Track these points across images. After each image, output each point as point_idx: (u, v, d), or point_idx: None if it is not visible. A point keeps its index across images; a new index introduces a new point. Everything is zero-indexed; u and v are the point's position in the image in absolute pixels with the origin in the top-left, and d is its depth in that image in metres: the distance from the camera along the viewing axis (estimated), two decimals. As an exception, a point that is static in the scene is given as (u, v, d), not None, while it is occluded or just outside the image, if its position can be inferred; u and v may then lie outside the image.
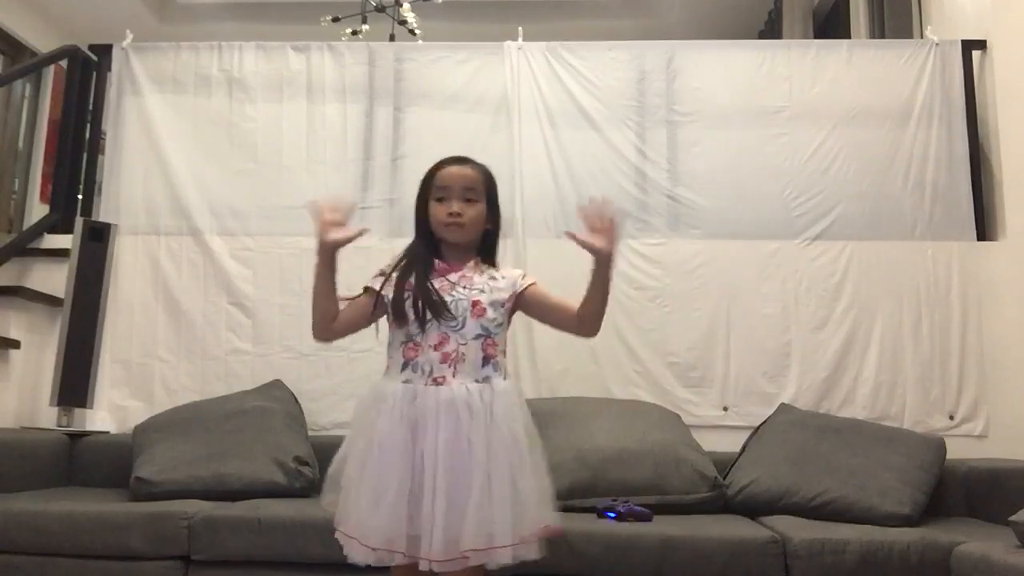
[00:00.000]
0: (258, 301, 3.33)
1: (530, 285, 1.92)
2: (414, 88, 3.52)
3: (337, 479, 1.82)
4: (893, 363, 3.18)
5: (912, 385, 3.17)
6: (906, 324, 3.21)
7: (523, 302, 1.92)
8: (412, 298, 1.84)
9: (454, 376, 1.79)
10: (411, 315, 1.83)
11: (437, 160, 1.96)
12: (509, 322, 1.93)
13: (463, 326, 1.83)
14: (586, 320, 1.87)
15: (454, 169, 1.92)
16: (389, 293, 1.87)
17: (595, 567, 2.23)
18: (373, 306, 1.89)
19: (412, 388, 1.79)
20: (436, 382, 1.79)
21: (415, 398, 1.78)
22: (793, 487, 2.63)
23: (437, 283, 1.86)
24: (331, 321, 1.90)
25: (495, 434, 1.74)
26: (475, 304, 1.84)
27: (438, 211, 1.89)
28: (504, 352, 1.88)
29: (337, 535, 1.81)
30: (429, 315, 1.81)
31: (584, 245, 1.76)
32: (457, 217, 1.87)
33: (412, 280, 1.86)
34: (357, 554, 1.74)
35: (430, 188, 1.92)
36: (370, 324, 1.94)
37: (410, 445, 1.74)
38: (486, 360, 1.83)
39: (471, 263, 1.92)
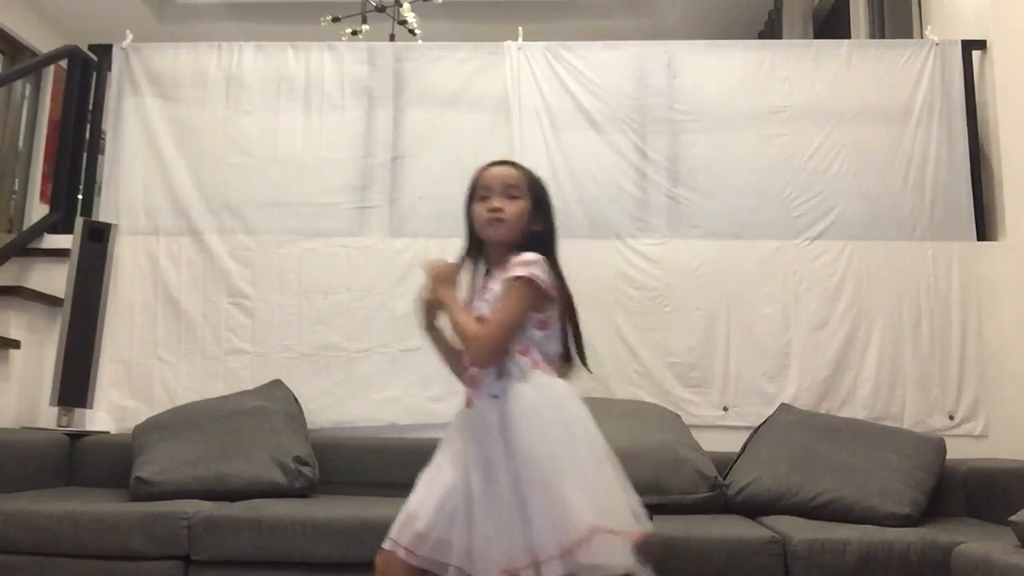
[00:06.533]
0: (258, 301, 3.33)
1: (512, 279, 1.73)
2: (414, 88, 3.52)
3: None
4: (893, 363, 3.18)
5: (912, 385, 3.17)
6: (906, 324, 3.21)
7: None
8: None
9: (478, 397, 1.76)
10: None
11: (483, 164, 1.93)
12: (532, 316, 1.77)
13: None
14: None
15: (495, 169, 1.89)
16: None
17: (595, 567, 2.22)
18: None
19: (459, 412, 1.81)
20: (468, 404, 1.79)
21: (459, 422, 1.81)
22: (793, 487, 2.63)
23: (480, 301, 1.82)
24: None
25: (513, 447, 1.66)
26: (480, 320, 1.77)
27: (480, 209, 1.84)
28: (524, 351, 1.74)
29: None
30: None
31: None
32: (498, 212, 1.81)
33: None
34: None
35: (475, 192, 1.88)
36: None
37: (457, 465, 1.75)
38: (500, 373, 1.74)
39: (500, 267, 1.81)
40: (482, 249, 1.90)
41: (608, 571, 1.58)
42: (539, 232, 1.85)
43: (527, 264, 1.74)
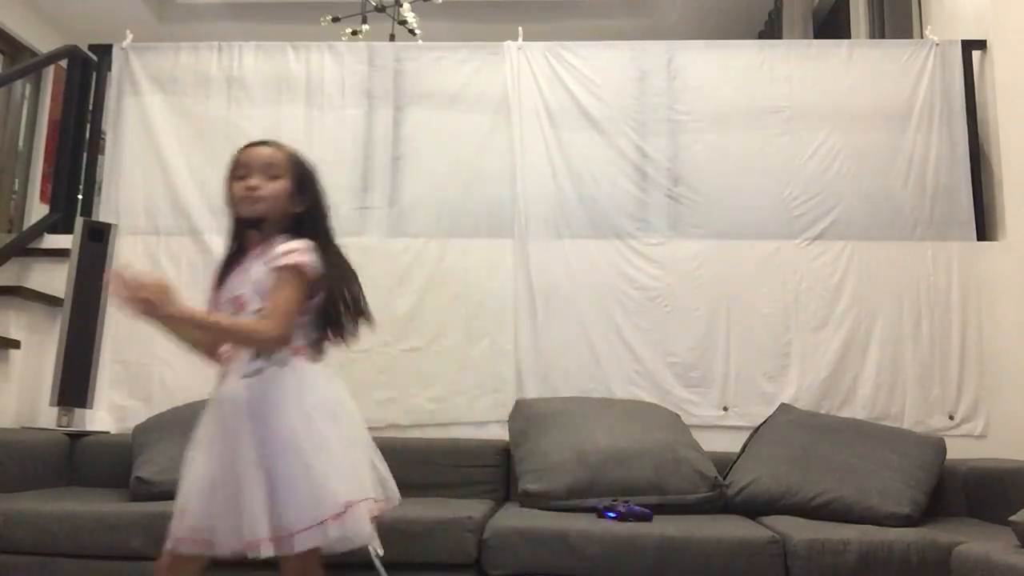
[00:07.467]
0: (258, 301, 3.32)
1: (280, 268, 1.73)
2: (414, 88, 3.52)
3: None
4: (893, 363, 3.18)
5: (912, 385, 3.17)
6: (906, 324, 3.21)
7: None
8: None
9: (229, 374, 1.79)
10: None
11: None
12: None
13: None
14: None
15: (255, 149, 1.86)
16: None
17: (595, 567, 2.23)
18: None
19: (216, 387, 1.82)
20: (222, 380, 1.80)
21: (214, 397, 1.81)
22: (793, 487, 2.63)
23: (236, 279, 1.81)
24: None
25: (269, 428, 1.69)
26: (235, 300, 1.79)
27: (236, 187, 1.83)
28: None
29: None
30: None
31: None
32: (253, 190, 1.80)
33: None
34: None
35: (234, 171, 1.86)
36: None
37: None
38: (257, 353, 1.75)
39: (258, 248, 1.81)
40: (240, 231, 1.87)
41: (354, 543, 1.69)
42: (302, 213, 1.85)
43: (293, 252, 1.73)
